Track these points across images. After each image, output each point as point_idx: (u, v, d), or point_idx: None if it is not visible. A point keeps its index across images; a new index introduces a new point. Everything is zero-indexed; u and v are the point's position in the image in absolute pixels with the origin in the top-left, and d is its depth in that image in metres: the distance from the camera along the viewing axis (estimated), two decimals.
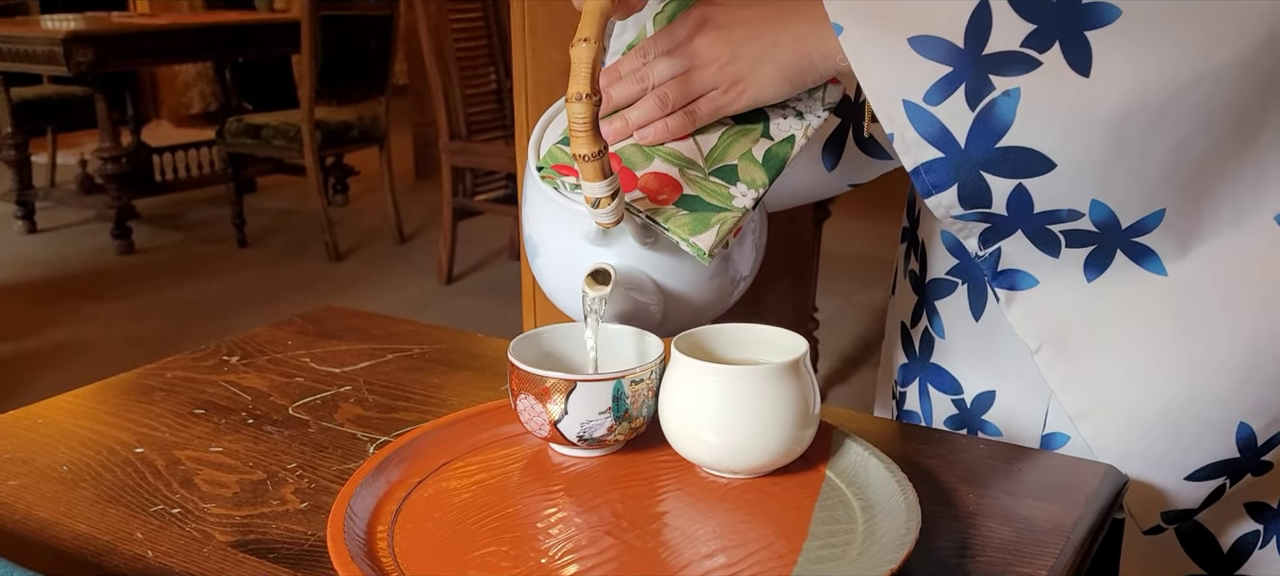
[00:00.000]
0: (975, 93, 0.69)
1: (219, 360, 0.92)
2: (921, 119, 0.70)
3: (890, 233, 4.14)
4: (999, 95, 0.68)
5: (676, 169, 0.74)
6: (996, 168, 0.70)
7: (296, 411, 0.82)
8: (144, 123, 5.46)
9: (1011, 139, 0.69)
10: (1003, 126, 0.69)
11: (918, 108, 0.70)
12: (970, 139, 0.69)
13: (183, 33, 4.63)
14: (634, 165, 0.74)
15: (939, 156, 0.71)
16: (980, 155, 0.70)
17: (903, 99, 0.70)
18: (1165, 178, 0.70)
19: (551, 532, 0.63)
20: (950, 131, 0.70)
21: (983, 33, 0.69)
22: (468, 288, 3.96)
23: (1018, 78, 0.68)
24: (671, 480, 0.69)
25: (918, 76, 0.70)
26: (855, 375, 3.07)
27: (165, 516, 0.67)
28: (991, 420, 0.90)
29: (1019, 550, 0.63)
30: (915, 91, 0.70)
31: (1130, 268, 0.75)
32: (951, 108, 0.69)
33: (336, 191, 5.14)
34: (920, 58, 0.70)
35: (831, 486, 0.67)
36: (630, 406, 0.69)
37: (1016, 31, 0.68)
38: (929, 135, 0.70)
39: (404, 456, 0.70)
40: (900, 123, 0.70)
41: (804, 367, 0.67)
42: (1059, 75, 0.68)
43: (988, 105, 0.69)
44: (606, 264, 0.71)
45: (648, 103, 0.75)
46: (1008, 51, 0.68)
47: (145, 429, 0.79)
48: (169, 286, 3.98)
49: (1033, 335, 0.79)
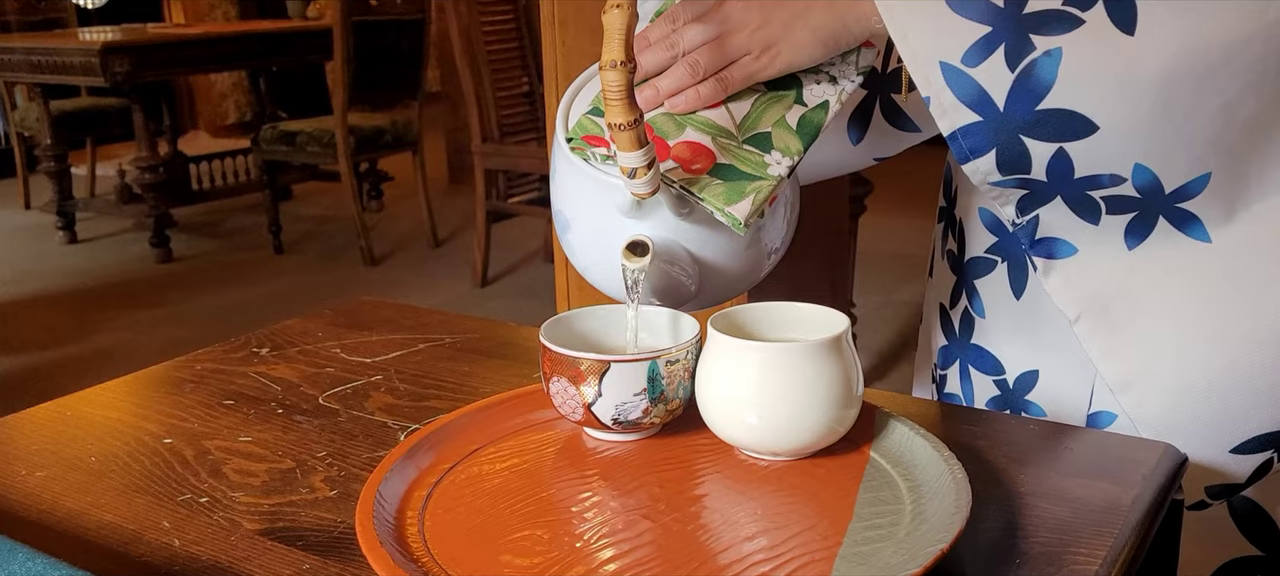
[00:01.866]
0: (1015, 53, 0.67)
1: (249, 352, 0.91)
2: (959, 81, 0.68)
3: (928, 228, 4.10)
4: (1040, 55, 0.66)
5: (709, 137, 0.71)
6: (1036, 131, 0.68)
7: (327, 401, 0.81)
8: (181, 133, 5.52)
9: (1053, 101, 0.66)
10: (1044, 88, 0.66)
11: (955, 70, 0.68)
12: (1010, 101, 0.67)
13: (217, 42, 4.67)
14: (666, 134, 0.72)
15: (977, 120, 0.68)
16: (1020, 118, 0.68)
17: (940, 60, 0.68)
18: (1213, 140, 0.68)
19: (587, 517, 0.61)
20: (989, 94, 0.68)
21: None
22: (502, 290, 3.96)
23: (1059, 37, 0.66)
24: (710, 463, 0.67)
25: (955, 37, 0.68)
26: (893, 371, 3.03)
27: (193, 505, 0.65)
28: (1035, 400, 0.87)
29: (1074, 531, 0.60)
30: (953, 53, 0.68)
31: (1173, 234, 0.73)
32: (990, 69, 0.67)
33: (371, 197, 5.16)
34: (958, 17, 0.67)
35: (876, 467, 0.65)
36: (666, 388, 0.66)
37: None
38: (967, 98, 0.68)
39: (435, 442, 0.68)
40: (937, 85, 0.68)
41: (846, 344, 0.65)
42: (1102, 34, 0.65)
43: (1028, 66, 0.66)
44: (644, 236, 0.69)
45: (679, 70, 0.73)
46: (1049, 10, 0.66)
47: (174, 420, 0.78)
48: (207, 293, 4.01)
49: (1072, 304, 0.77)
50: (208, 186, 4.83)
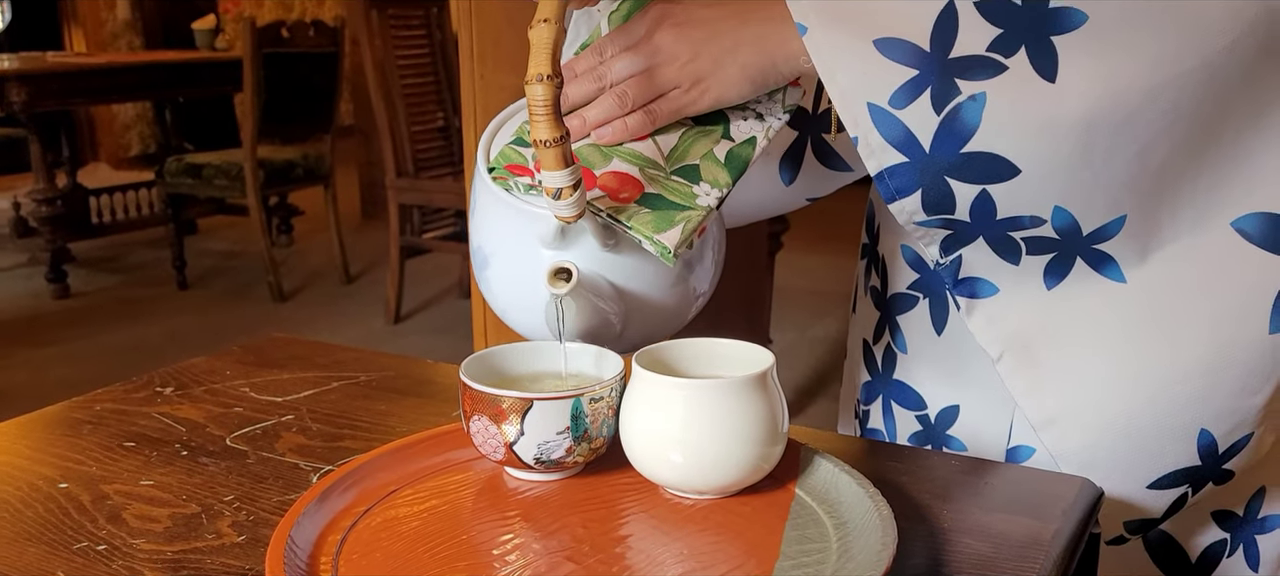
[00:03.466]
0: (941, 97, 0.67)
1: (152, 392, 0.87)
2: (886, 122, 0.68)
3: (844, 265, 4.15)
4: (964, 100, 0.67)
5: (637, 168, 0.71)
6: (961, 173, 0.69)
7: (234, 442, 0.77)
8: (81, 165, 5.33)
9: (976, 144, 0.67)
10: (968, 131, 0.67)
11: (883, 111, 0.68)
12: (935, 144, 0.68)
13: (120, 72, 4.54)
14: (592, 165, 0.71)
15: (903, 161, 0.69)
16: (945, 160, 0.68)
17: (867, 102, 0.68)
18: (1128, 184, 0.69)
19: (509, 560, 0.59)
20: (915, 136, 0.68)
21: (949, 36, 0.67)
22: (417, 327, 3.90)
23: (983, 82, 0.67)
24: (635, 503, 0.65)
25: (883, 79, 0.68)
26: (811, 406, 3.06)
27: (90, 554, 0.62)
28: (956, 435, 0.88)
29: (997, 566, 0.60)
30: (881, 94, 0.68)
31: (1090, 275, 0.74)
32: (917, 112, 0.68)
33: (280, 232, 5.05)
34: (886, 60, 0.68)
35: (802, 504, 0.64)
36: (590, 426, 0.65)
37: (983, 35, 0.67)
38: (894, 139, 0.69)
39: (349, 484, 0.66)
40: (865, 126, 0.69)
41: (771, 381, 0.64)
42: (1025, 80, 0.66)
43: (953, 110, 0.67)
44: (568, 262, 0.68)
45: (606, 100, 0.72)
46: (974, 55, 0.67)
47: (71, 463, 0.74)
48: (106, 331, 3.87)
49: (994, 343, 0.78)
50: (108, 220, 4.67)
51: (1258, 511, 0.83)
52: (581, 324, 0.71)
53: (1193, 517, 0.82)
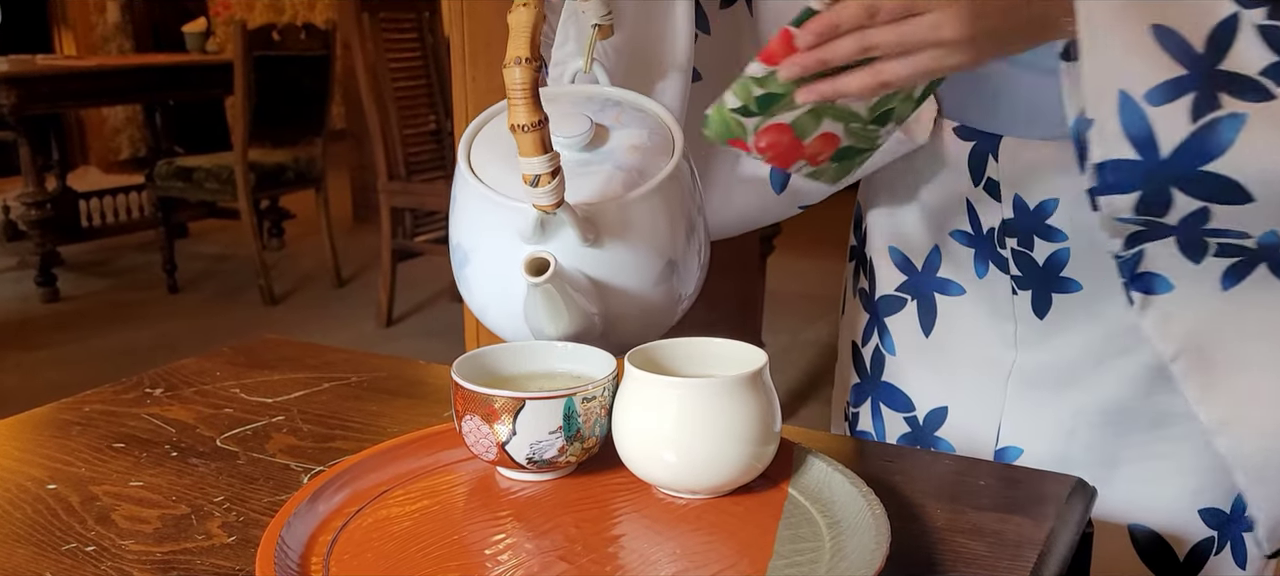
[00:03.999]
0: (1202, 105, 0.63)
1: (142, 393, 0.87)
2: (1132, 116, 0.64)
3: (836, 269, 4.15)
4: (1224, 116, 0.63)
5: (841, 125, 0.70)
6: (1190, 187, 0.65)
7: (224, 443, 0.77)
8: (70, 168, 5.30)
9: (1220, 166, 0.64)
10: (1217, 150, 0.64)
11: (1133, 103, 0.64)
12: (1178, 152, 0.64)
13: (110, 75, 4.51)
14: (804, 132, 0.69)
15: (1134, 159, 0.65)
16: (1179, 172, 0.65)
17: (1120, 89, 0.64)
18: None
19: (501, 560, 0.59)
20: (1157, 138, 0.64)
21: (1223, 45, 0.64)
22: (408, 330, 3.89)
23: (1247, 104, 0.63)
24: (627, 503, 0.65)
25: (1147, 68, 0.64)
26: (804, 410, 3.05)
27: (79, 555, 0.61)
28: (944, 436, 0.88)
29: (990, 565, 0.60)
30: (1138, 85, 0.64)
31: (1269, 280, 0.73)
32: (1170, 114, 0.64)
33: (272, 235, 5.04)
34: (1157, 49, 0.64)
35: (796, 504, 0.64)
36: (582, 425, 0.65)
37: (1259, 57, 0.64)
38: (1134, 134, 0.64)
39: (341, 484, 0.65)
40: (1107, 112, 0.64)
41: (764, 380, 0.64)
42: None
43: (1209, 123, 0.63)
44: (546, 253, 0.66)
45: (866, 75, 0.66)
46: (1243, 75, 0.64)
47: (60, 464, 0.74)
48: (96, 335, 3.85)
49: (1170, 342, 0.76)
50: (98, 223, 4.65)
51: (1244, 509, 0.83)
52: (560, 319, 0.69)
53: (1181, 516, 0.82)
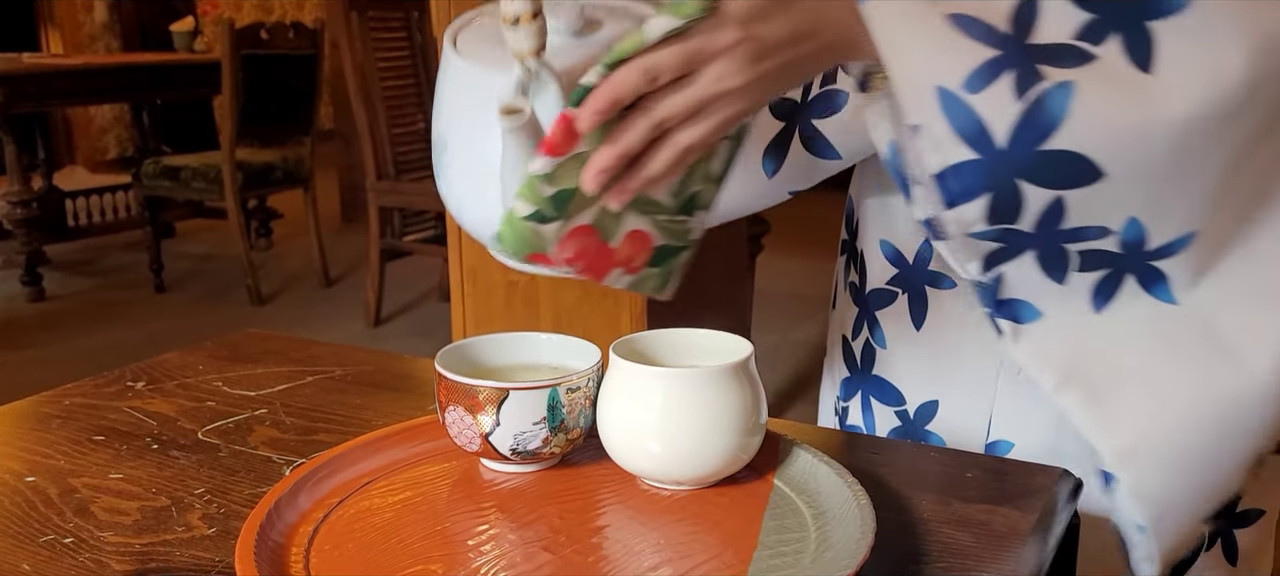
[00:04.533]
0: (1024, 82, 0.59)
1: (123, 386, 0.86)
2: (957, 111, 0.60)
3: (824, 269, 4.15)
4: (1051, 87, 0.59)
5: (648, 219, 0.66)
6: (1036, 175, 0.61)
7: (206, 436, 0.76)
8: (57, 167, 5.27)
9: (1060, 141, 0.60)
10: (1051, 124, 0.60)
11: (954, 97, 0.60)
12: (1014, 138, 0.60)
13: (97, 74, 4.49)
14: (608, 234, 0.65)
15: (973, 158, 0.61)
16: (1021, 159, 0.60)
17: (937, 86, 0.60)
18: (1212, 197, 0.63)
19: (483, 550, 0.58)
20: (989, 128, 0.60)
21: (1030, 18, 0.61)
22: (396, 330, 3.88)
23: (1071, 71, 0.60)
24: (612, 494, 0.65)
25: (958, 59, 0.60)
26: (790, 410, 3.05)
27: (56, 547, 0.61)
28: (935, 430, 0.88)
29: (976, 555, 0.60)
30: (953, 77, 0.60)
31: (1139, 295, 0.68)
32: (994, 97, 0.60)
33: (259, 235, 5.01)
34: (963, 37, 0.60)
35: (781, 495, 0.64)
36: (567, 416, 0.64)
37: (1070, 20, 0.61)
38: (964, 131, 0.60)
39: (323, 476, 0.65)
40: (930, 113, 0.61)
41: (750, 370, 0.64)
42: (1119, 71, 0.60)
43: (1038, 97, 0.59)
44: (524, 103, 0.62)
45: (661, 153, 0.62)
46: (1058, 44, 0.60)
47: (38, 457, 0.73)
48: (82, 334, 3.83)
49: (1051, 373, 0.69)
50: (85, 222, 4.62)
51: (1235, 504, 0.83)
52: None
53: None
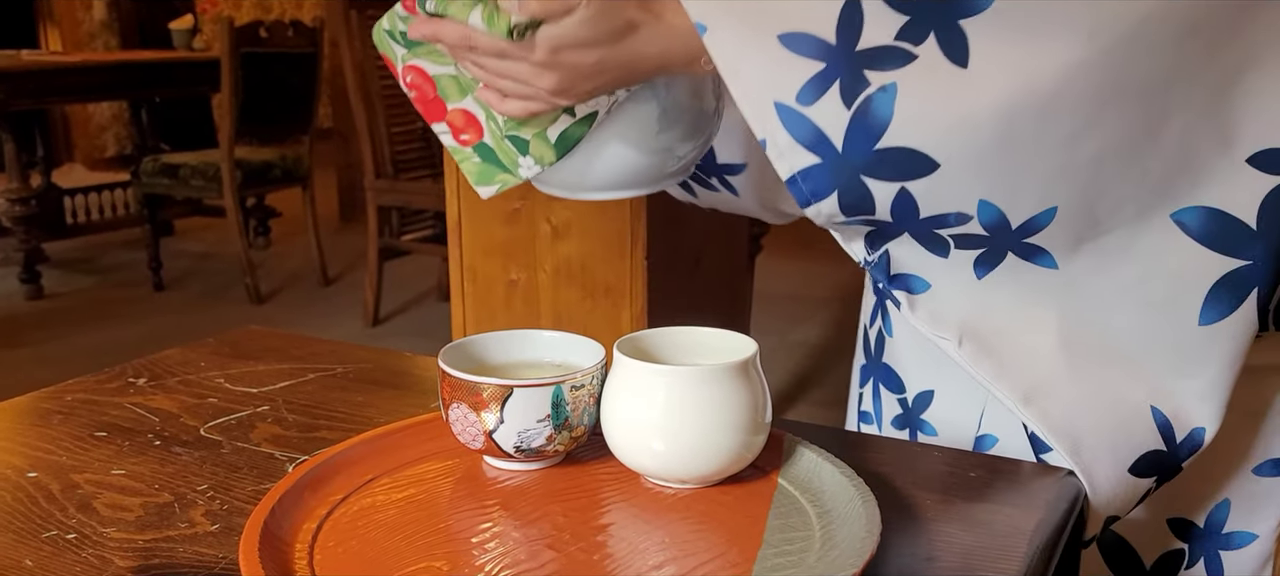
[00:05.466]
0: (850, 89, 0.65)
1: (124, 382, 0.86)
2: (795, 122, 0.66)
3: (823, 271, 4.15)
4: (875, 91, 0.64)
5: (484, 114, 0.72)
6: (877, 171, 0.66)
7: (208, 432, 0.76)
8: (55, 165, 5.26)
9: (890, 139, 0.65)
10: (881, 125, 0.65)
11: (790, 110, 0.66)
12: (848, 141, 0.66)
13: (96, 71, 4.49)
14: (447, 97, 0.73)
15: (816, 162, 0.67)
16: (859, 158, 0.66)
17: (775, 101, 0.66)
18: (1059, 175, 0.67)
19: (487, 548, 0.58)
20: (826, 134, 0.66)
21: (855, 27, 0.65)
22: (395, 329, 3.87)
23: (893, 72, 0.64)
24: (616, 492, 0.65)
25: (790, 75, 0.66)
26: (791, 410, 3.05)
27: (59, 542, 0.60)
28: (929, 419, 0.88)
29: (980, 555, 0.60)
30: (787, 91, 0.66)
31: (1020, 265, 0.72)
32: (826, 107, 0.65)
33: (258, 233, 5.01)
34: (791, 54, 0.65)
35: (785, 494, 0.64)
36: (571, 414, 0.64)
37: (890, 24, 0.65)
38: (804, 139, 0.66)
39: (326, 472, 0.65)
40: (773, 127, 0.66)
41: (754, 369, 0.64)
42: (936, 68, 0.64)
43: (864, 102, 0.65)
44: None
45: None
46: (881, 46, 0.65)
47: (40, 452, 0.73)
48: (81, 332, 3.83)
49: (948, 331, 0.76)
50: (83, 220, 4.62)
51: (1221, 525, 0.82)
52: None
53: (1148, 524, 0.82)
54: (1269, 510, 0.81)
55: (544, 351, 0.70)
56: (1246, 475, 0.81)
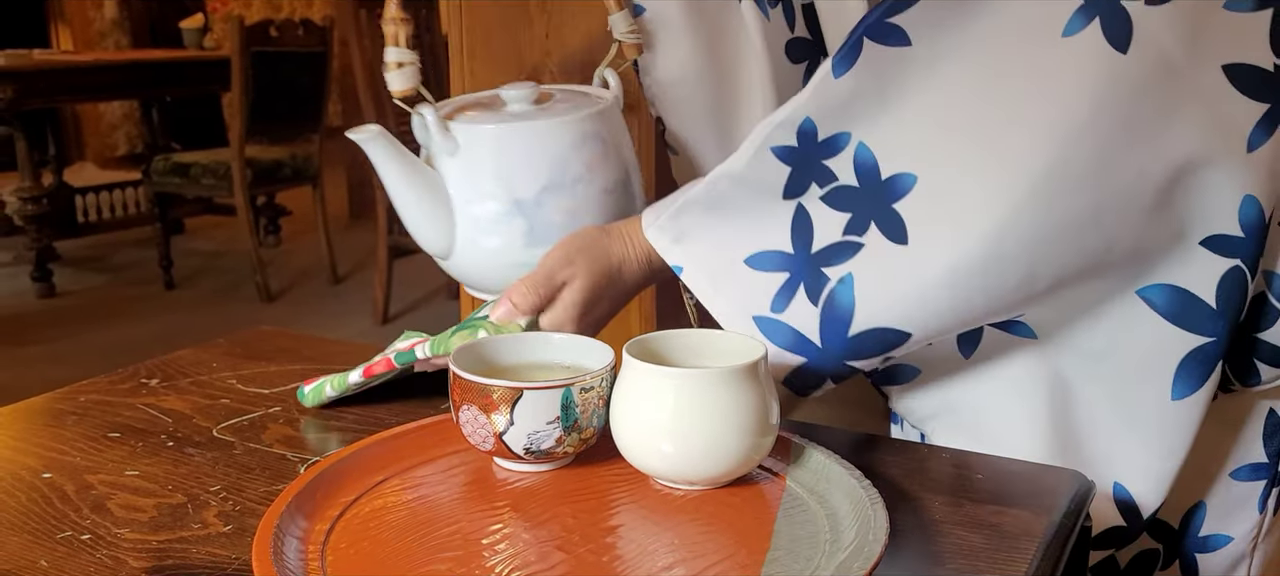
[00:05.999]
0: (813, 288, 0.72)
1: (137, 383, 0.87)
2: (774, 330, 0.73)
3: None
4: (835, 284, 0.71)
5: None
6: (857, 354, 0.73)
7: (221, 433, 0.77)
8: (67, 164, 5.29)
9: (861, 324, 0.71)
10: (847, 313, 0.71)
11: (768, 320, 0.73)
12: (823, 334, 0.72)
13: (107, 70, 4.51)
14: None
15: (801, 362, 0.74)
16: (837, 349, 0.72)
17: (753, 316, 0.73)
18: (1023, 299, 0.71)
19: (498, 549, 0.58)
20: (803, 334, 0.73)
21: (807, 233, 0.72)
22: (404, 328, 3.88)
23: (847, 264, 0.71)
24: (625, 493, 0.65)
25: (761, 291, 0.73)
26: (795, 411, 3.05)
27: (74, 543, 0.61)
28: None
29: (988, 557, 0.60)
30: (762, 305, 0.73)
31: (1001, 336, 0.77)
32: (797, 310, 0.72)
33: (268, 232, 5.03)
34: (758, 273, 0.73)
35: (794, 496, 0.64)
36: (580, 416, 0.65)
37: (835, 222, 0.71)
38: (786, 343, 0.73)
39: (338, 473, 0.65)
40: (758, 339, 0.71)
41: (762, 371, 0.64)
42: (882, 250, 0.70)
43: (828, 297, 0.71)
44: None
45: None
46: (833, 243, 0.71)
47: (55, 453, 0.73)
48: (92, 331, 3.84)
49: (924, 416, 0.82)
50: (95, 219, 4.64)
51: (1198, 528, 0.83)
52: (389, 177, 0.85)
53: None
54: (1245, 513, 0.82)
55: (554, 353, 0.71)
56: (1224, 480, 0.82)
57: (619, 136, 0.86)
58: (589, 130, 0.83)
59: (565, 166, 0.82)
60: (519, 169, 0.82)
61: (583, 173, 0.83)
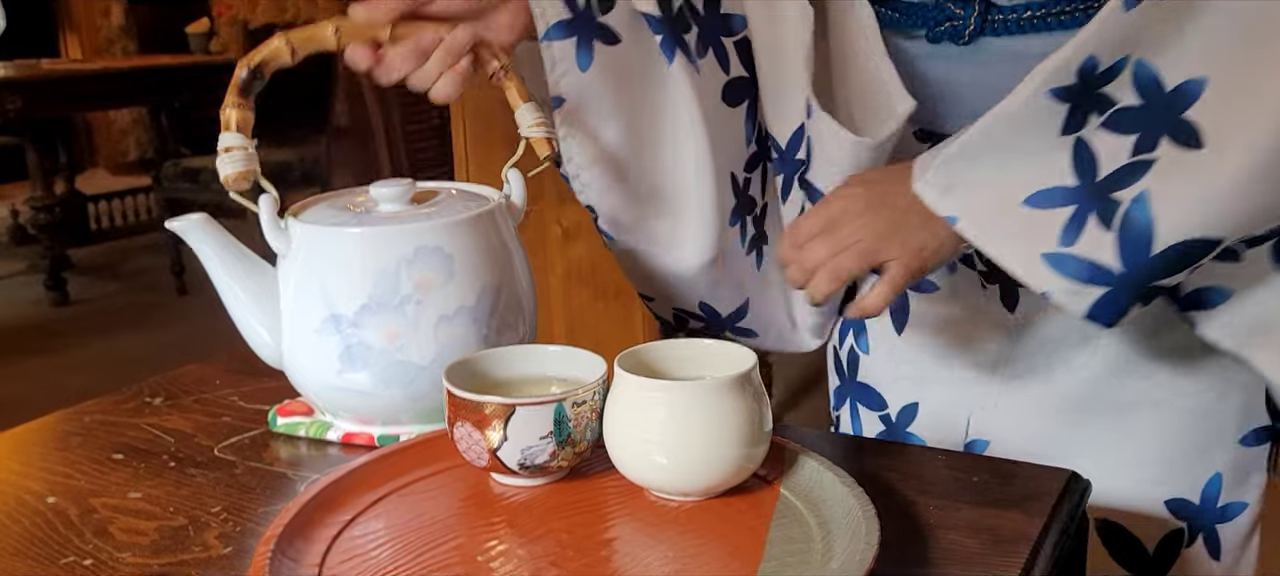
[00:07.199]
0: (1105, 214, 0.68)
1: (141, 402, 0.87)
2: (1067, 265, 0.69)
3: None
4: (1129, 206, 0.67)
5: None
6: (1164, 273, 0.69)
7: (222, 452, 0.77)
8: (78, 171, 5.33)
9: (1164, 239, 0.67)
10: (1146, 231, 0.67)
11: (1059, 255, 0.69)
12: (1124, 258, 0.68)
13: (115, 77, 4.53)
14: None
15: (1103, 292, 0.69)
16: (1141, 272, 0.68)
17: (1042, 254, 0.69)
18: None
19: (493, 566, 0.59)
20: (1099, 262, 0.69)
21: (1090, 164, 0.68)
22: None
23: (1140, 183, 0.67)
24: (619, 506, 0.65)
25: (1046, 229, 0.69)
26: (805, 403, 3.05)
27: (77, 568, 0.62)
28: (915, 431, 0.89)
29: (986, 560, 0.60)
30: (1050, 242, 0.69)
31: None
32: (1089, 239, 0.68)
33: None
34: (1041, 211, 0.69)
35: (787, 504, 0.64)
36: (573, 430, 0.65)
37: (1122, 148, 0.68)
38: (1083, 276, 0.69)
39: (337, 492, 0.66)
40: (1047, 277, 0.69)
41: (754, 381, 0.64)
42: (1177, 160, 0.67)
43: (1123, 219, 0.68)
44: None
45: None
46: (1121, 167, 0.68)
47: (59, 477, 0.74)
48: (106, 338, 3.87)
49: (1240, 343, 0.77)
50: (107, 226, 4.67)
51: (1216, 499, 0.83)
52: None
53: (1146, 507, 0.83)
54: (1255, 477, 0.83)
55: (547, 366, 0.71)
56: (1233, 446, 0.82)
57: (489, 252, 0.76)
58: (428, 243, 0.73)
59: (394, 284, 0.72)
60: (339, 280, 0.74)
61: (412, 293, 0.73)
